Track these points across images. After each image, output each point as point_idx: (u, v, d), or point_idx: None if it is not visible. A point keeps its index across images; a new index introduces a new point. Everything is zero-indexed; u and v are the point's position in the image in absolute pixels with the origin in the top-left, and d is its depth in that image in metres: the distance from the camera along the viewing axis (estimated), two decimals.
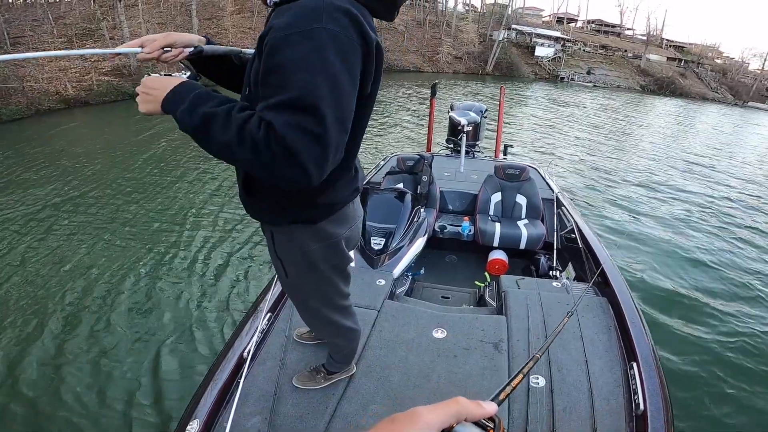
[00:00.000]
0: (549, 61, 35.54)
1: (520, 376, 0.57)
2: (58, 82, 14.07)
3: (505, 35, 33.84)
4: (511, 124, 12.03)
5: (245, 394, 1.49)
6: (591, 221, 3.54)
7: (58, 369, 2.85)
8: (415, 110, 13.65)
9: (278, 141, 0.70)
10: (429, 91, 5.26)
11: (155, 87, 0.83)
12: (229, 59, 1.07)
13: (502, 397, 0.45)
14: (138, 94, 0.87)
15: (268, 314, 1.89)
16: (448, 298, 2.67)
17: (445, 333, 1.82)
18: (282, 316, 1.92)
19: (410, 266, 2.71)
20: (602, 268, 2.24)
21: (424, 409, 0.32)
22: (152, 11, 20.42)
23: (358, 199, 1.17)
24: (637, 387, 1.46)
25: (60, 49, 15.79)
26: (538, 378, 1.55)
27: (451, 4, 38.18)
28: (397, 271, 2.49)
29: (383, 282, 2.22)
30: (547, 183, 3.81)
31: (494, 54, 31.91)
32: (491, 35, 34.30)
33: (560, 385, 1.53)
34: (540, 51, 35.85)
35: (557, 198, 3.43)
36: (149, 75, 0.85)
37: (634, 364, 1.55)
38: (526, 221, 3.23)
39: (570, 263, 2.86)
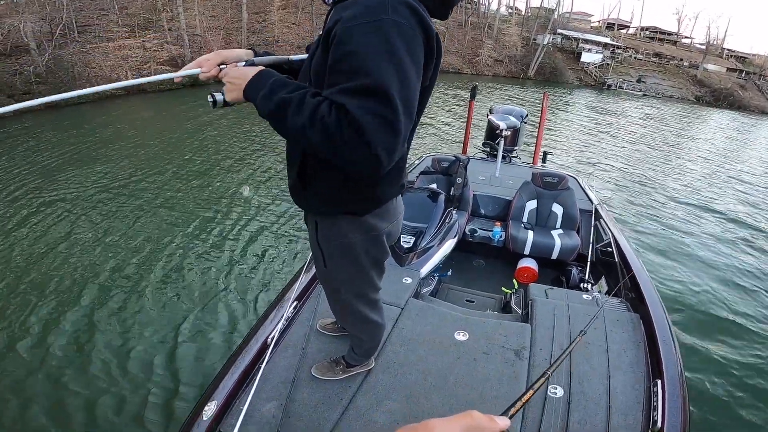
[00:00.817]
0: (596, 67, 34.07)
1: (531, 392, 0.56)
2: (120, 70, 14.94)
3: (550, 39, 32.74)
4: (551, 131, 11.62)
5: (264, 379, 1.51)
6: (629, 236, 3.38)
7: (90, 335, 3.06)
8: (452, 112, 13.49)
9: (350, 124, 0.72)
10: (468, 93, 5.17)
11: (238, 77, 0.89)
12: (279, 67, 1.08)
13: (512, 412, 0.45)
14: (224, 84, 0.94)
15: (295, 303, 1.92)
16: (473, 302, 2.63)
17: (467, 336, 1.80)
18: (307, 306, 1.95)
19: (438, 267, 2.68)
20: (637, 284, 2.15)
21: (438, 422, 0.33)
22: (207, 4, 21.22)
23: (400, 196, 1.18)
24: (658, 404, 1.42)
25: (124, 38, 16.77)
26: (556, 388, 1.52)
27: (494, 6, 37.37)
28: (425, 270, 2.47)
29: (409, 280, 2.21)
30: (587, 194, 3.67)
31: (537, 58, 30.97)
32: (535, 39, 33.28)
33: (578, 396, 1.50)
34: (586, 57, 34.44)
35: (596, 210, 3.29)
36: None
37: (659, 382, 1.51)
38: (560, 231, 3.13)
39: (603, 277, 2.75)
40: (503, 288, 2.82)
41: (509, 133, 4.20)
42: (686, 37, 46.71)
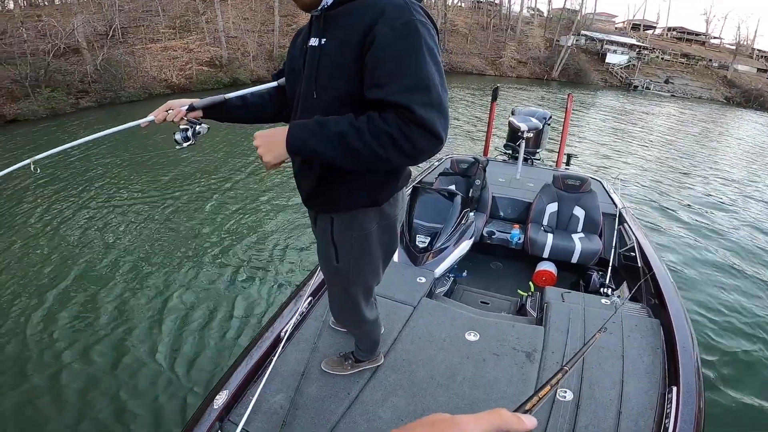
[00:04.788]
0: (621, 68, 32.48)
1: (548, 387, 0.50)
2: (167, 70, 15.38)
3: (574, 41, 31.41)
4: (576, 133, 11.10)
5: (275, 371, 1.50)
6: (654, 241, 3.15)
7: (124, 319, 3.12)
8: (474, 113, 13.15)
9: (414, 121, 0.79)
10: (489, 95, 4.97)
11: (270, 136, 0.90)
12: (217, 105, 1.15)
13: (528, 407, 0.42)
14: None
15: (309, 299, 1.90)
16: (488, 303, 2.53)
17: (478, 336, 1.74)
18: (321, 302, 1.92)
19: (453, 268, 2.59)
20: (660, 290, 2.01)
21: (466, 419, 0.31)
22: (242, 7, 21.51)
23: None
24: (671, 411, 1.33)
25: (168, 40, 17.23)
26: (566, 391, 1.44)
27: (516, 8, 36.14)
28: (439, 270, 2.38)
29: (423, 280, 2.15)
30: (611, 197, 3.46)
31: (561, 59, 29.80)
32: (558, 40, 32.02)
33: (588, 401, 1.42)
34: (612, 58, 32.86)
35: (620, 213, 3.09)
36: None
37: (674, 389, 1.41)
38: (581, 235, 2.95)
39: (625, 282, 2.57)
40: (519, 290, 2.69)
41: (531, 135, 4.00)
42: (715, 38, 43.86)
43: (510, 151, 4.61)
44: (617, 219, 3.03)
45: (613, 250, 2.76)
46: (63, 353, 2.82)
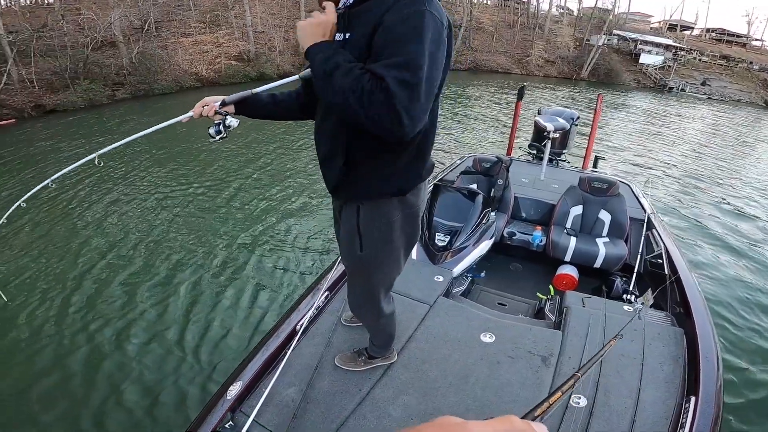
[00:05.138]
0: (656, 69, 31.16)
1: (559, 393, 0.47)
2: (197, 64, 15.78)
3: (605, 40, 30.29)
4: (605, 135, 10.71)
5: (289, 364, 1.51)
6: (683, 249, 3.00)
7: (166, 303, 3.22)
8: (498, 112, 12.90)
9: (383, 89, 0.81)
10: (514, 94, 4.86)
11: (310, 29, 0.95)
12: (244, 100, 1.22)
13: (538, 413, 0.41)
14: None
15: (326, 293, 1.90)
16: (505, 305, 2.48)
17: (494, 338, 1.71)
18: (338, 297, 1.92)
19: (471, 267, 2.54)
20: (686, 298, 1.93)
21: (476, 425, 0.31)
22: (269, 2, 21.72)
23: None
24: (686, 421, 1.29)
25: (199, 34, 17.64)
26: (580, 397, 1.40)
27: (544, 7, 35.10)
28: (457, 270, 2.35)
29: (441, 279, 2.12)
30: (640, 202, 3.33)
31: (591, 59, 28.81)
32: (588, 40, 30.96)
33: (602, 408, 1.38)
34: (646, 58, 31.55)
35: (648, 219, 2.96)
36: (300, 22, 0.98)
37: (693, 399, 1.37)
38: (606, 239, 2.85)
39: (650, 290, 2.47)
40: (538, 293, 2.63)
41: (557, 135, 3.89)
42: (756, 40, 41.41)
43: (534, 152, 4.50)
44: (645, 224, 2.91)
45: (639, 256, 2.66)
46: (96, 334, 2.95)
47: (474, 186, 3.08)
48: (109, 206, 5.12)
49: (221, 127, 1.18)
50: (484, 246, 2.56)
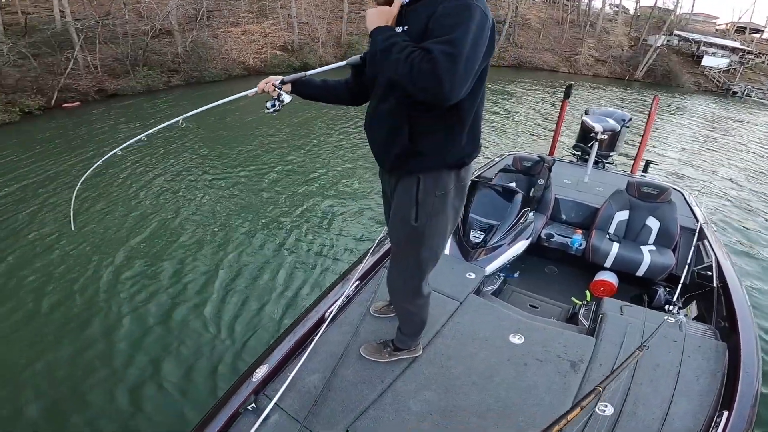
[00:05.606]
0: (720, 72, 28.74)
1: (578, 409, 0.45)
2: (245, 54, 16.31)
3: (665, 41, 28.24)
4: (657, 139, 10.02)
5: (315, 351, 1.53)
6: (736, 262, 2.78)
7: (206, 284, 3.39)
8: (541, 111, 12.40)
9: (430, 60, 0.94)
10: (560, 93, 4.65)
11: (377, 16, 1.13)
12: (299, 81, 1.43)
13: (554, 430, 0.37)
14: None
15: (357, 282, 1.91)
16: (537, 308, 2.41)
17: (523, 339, 1.67)
18: (368, 287, 1.93)
19: (505, 267, 2.48)
20: (733, 312, 1.83)
21: None
22: None
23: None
24: None
25: (248, 24, 18.18)
26: (606, 405, 1.35)
27: (597, 4, 33.15)
28: (490, 268, 2.30)
29: (473, 276, 2.09)
30: (692, 210, 3.13)
31: (648, 59, 26.98)
32: (645, 40, 28.98)
33: (628, 418, 1.33)
34: (709, 61, 29.14)
35: (700, 229, 2.78)
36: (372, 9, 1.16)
37: (725, 413, 1.31)
38: (652, 247, 2.69)
39: (695, 302, 2.32)
40: (573, 298, 2.52)
41: (605, 137, 3.69)
42: None
43: (579, 153, 4.30)
44: (697, 234, 2.73)
45: (687, 266, 2.50)
46: (124, 305, 3.15)
47: (513, 184, 3.00)
48: (162, 182, 5.46)
49: (276, 102, 1.37)
50: (520, 246, 2.49)
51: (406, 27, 1.12)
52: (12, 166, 6.09)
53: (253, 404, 1.34)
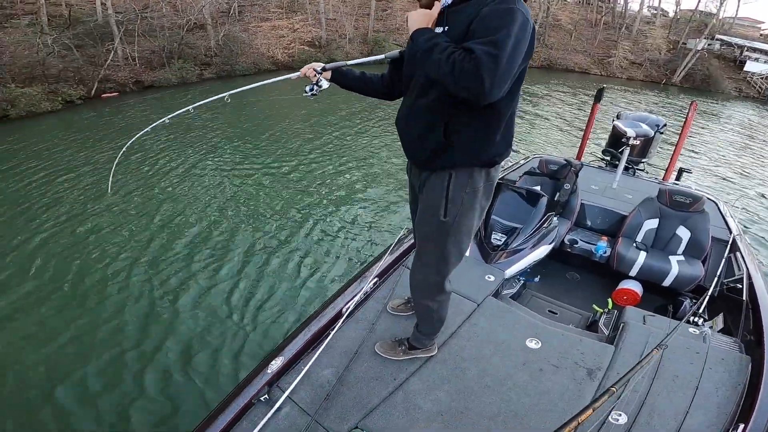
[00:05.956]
0: (763, 78, 27.15)
1: (590, 411, 0.44)
2: (273, 48, 16.56)
3: (706, 45, 26.86)
4: (692, 146, 9.59)
5: (330, 346, 1.54)
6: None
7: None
8: (569, 114, 12.06)
9: (473, 59, 0.98)
10: (589, 95, 4.51)
11: (419, 18, 1.18)
12: (339, 70, 1.50)
13: (566, 431, 0.37)
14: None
15: (375, 279, 1.92)
16: (556, 313, 2.37)
17: (540, 344, 1.65)
18: (386, 285, 1.94)
19: (525, 271, 2.44)
20: (760, 325, 1.77)
21: None
22: None
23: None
24: None
25: (277, 19, 18.44)
26: (620, 414, 1.32)
27: (635, 6, 31.78)
28: (510, 271, 2.27)
29: (492, 278, 2.07)
30: (726, 221, 3.00)
31: (687, 63, 25.78)
32: (685, 43, 27.65)
33: (642, 427, 1.31)
34: (752, 66, 27.52)
35: (733, 240, 2.66)
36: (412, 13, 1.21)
37: (741, 426, 1.28)
38: (681, 257, 2.60)
39: (722, 314, 2.24)
40: (594, 305, 2.46)
41: (638, 142, 3.56)
42: None
43: (609, 158, 4.16)
44: (729, 246, 2.63)
45: (716, 278, 2.41)
46: (158, 280, 3.31)
47: (537, 188, 2.94)
48: (190, 168, 5.65)
49: (315, 86, 1.43)
50: (542, 250, 2.45)
51: (446, 28, 1.15)
52: (53, 150, 6.44)
53: (266, 395, 1.36)
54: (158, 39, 13.17)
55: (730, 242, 2.66)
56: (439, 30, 1.16)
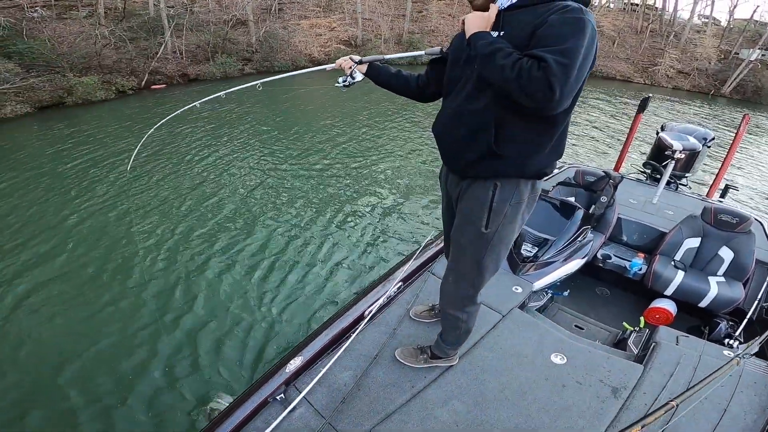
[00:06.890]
0: None
1: (638, 426, 0.42)
2: (311, 46, 16.80)
3: (760, 55, 25.01)
4: (739, 161, 8.99)
5: (350, 348, 1.53)
6: None
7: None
8: (609, 123, 11.52)
9: (542, 68, 0.95)
10: (631, 104, 4.28)
11: (476, 21, 1.13)
12: (374, 64, 1.49)
13: None
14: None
15: (399, 284, 1.89)
16: (582, 329, 2.28)
17: (565, 360, 1.60)
18: (410, 290, 1.91)
19: (554, 284, 2.35)
20: None
21: None
22: None
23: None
24: None
25: (316, 17, 18.67)
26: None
27: (684, 14, 29.93)
28: (539, 284, 2.20)
29: (519, 290, 2.02)
30: None
31: (739, 74, 24.12)
32: (737, 53, 25.85)
33: None
34: None
35: None
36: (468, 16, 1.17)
37: None
38: (721, 279, 2.45)
39: (759, 338, 2.10)
40: (624, 323, 2.35)
41: (683, 156, 3.35)
42: None
43: (649, 171, 3.95)
44: None
45: (757, 301, 2.30)
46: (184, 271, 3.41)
47: (572, 199, 2.82)
48: (219, 151, 5.84)
49: (348, 78, 1.44)
50: (574, 265, 2.36)
51: (502, 32, 1.10)
52: (104, 134, 6.82)
53: (282, 395, 1.36)
54: (204, 34, 13.64)
55: None
56: (495, 34, 1.12)
